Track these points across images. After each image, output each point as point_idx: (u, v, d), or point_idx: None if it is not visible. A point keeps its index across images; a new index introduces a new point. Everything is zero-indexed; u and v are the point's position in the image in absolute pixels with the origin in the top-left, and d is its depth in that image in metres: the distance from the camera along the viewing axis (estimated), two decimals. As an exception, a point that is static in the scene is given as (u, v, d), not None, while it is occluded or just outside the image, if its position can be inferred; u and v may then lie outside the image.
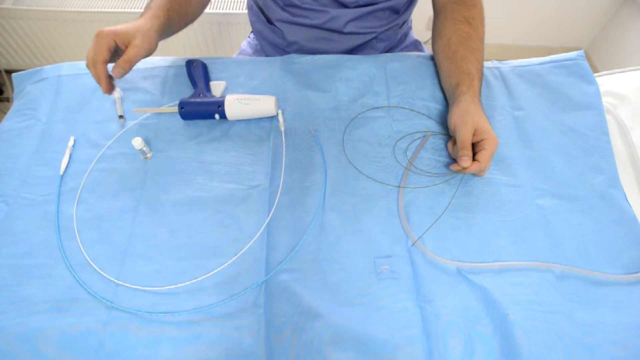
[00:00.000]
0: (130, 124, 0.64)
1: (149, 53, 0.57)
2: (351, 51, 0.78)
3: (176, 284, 0.49)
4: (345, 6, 0.70)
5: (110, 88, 0.57)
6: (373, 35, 0.76)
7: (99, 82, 0.56)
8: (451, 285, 0.49)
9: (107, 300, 0.48)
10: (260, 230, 0.53)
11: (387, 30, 0.77)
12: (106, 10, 1.35)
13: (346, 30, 0.73)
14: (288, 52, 0.78)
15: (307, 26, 0.73)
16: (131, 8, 1.36)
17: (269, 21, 0.77)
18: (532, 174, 0.58)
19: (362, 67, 0.69)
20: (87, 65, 0.55)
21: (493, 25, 0.73)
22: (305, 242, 0.52)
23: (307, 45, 0.76)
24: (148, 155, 0.60)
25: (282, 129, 0.62)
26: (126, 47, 0.55)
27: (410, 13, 0.80)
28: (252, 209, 0.55)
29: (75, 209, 0.55)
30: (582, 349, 0.45)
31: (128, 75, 0.69)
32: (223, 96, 0.62)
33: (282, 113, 0.63)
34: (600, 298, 0.48)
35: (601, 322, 0.47)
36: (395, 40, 0.81)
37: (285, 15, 0.73)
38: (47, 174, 0.58)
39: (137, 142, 0.57)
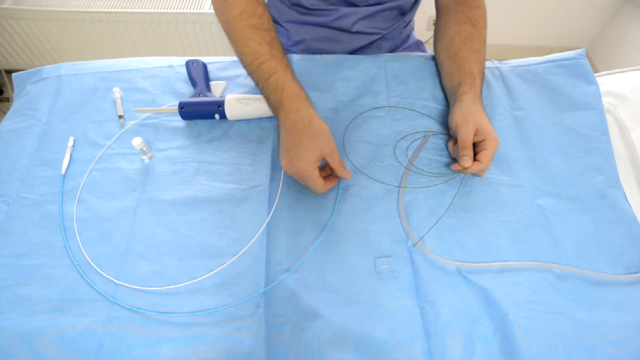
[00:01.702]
0: (130, 123, 0.64)
1: (333, 142, 0.53)
2: (356, 51, 0.78)
3: (176, 284, 0.49)
4: (355, 5, 0.70)
5: (334, 180, 0.55)
6: (379, 35, 0.76)
7: (335, 183, 0.56)
8: (451, 285, 0.49)
9: (109, 296, 0.48)
10: (261, 230, 0.53)
11: (392, 30, 0.77)
12: (106, 10, 1.35)
13: (354, 29, 0.73)
14: (292, 52, 0.78)
15: (314, 25, 0.73)
16: (131, 8, 1.36)
17: (274, 21, 0.77)
18: (532, 174, 0.58)
19: (362, 67, 0.69)
20: (321, 192, 0.54)
21: (493, 25, 0.73)
22: (306, 242, 0.52)
23: (313, 45, 0.76)
24: (148, 155, 0.60)
25: None
26: (321, 159, 0.53)
27: (414, 13, 0.80)
28: (252, 209, 0.55)
29: (75, 209, 0.55)
30: (582, 349, 0.45)
31: (128, 76, 0.70)
32: (223, 96, 0.62)
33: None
34: (600, 298, 0.48)
35: (601, 322, 0.46)
36: (399, 41, 0.82)
37: (292, 15, 0.73)
38: (47, 174, 0.58)
39: (137, 142, 0.57)
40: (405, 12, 0.76)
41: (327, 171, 0.56)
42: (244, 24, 0.57)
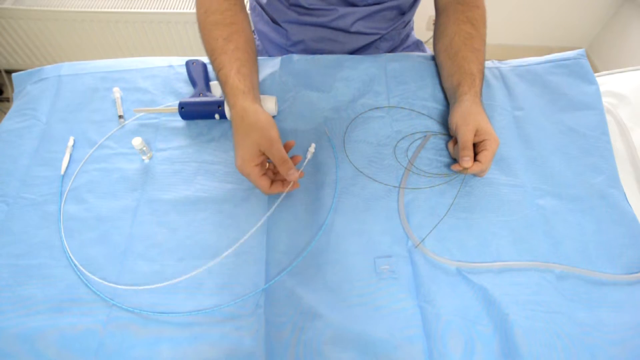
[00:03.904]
0: (129, 121, 0.64)
1: (277, 133, 0.51)
2: (356, 51, 0.78)
3: (174, 280, 0.49)
4: (354, 5, 0.70)
5: (296, 183, 0.52)
6: (378, 35, 0.76)
7: (286, 191, 0.52)
8: (451, 285, 0.49)
9: (108, 298, 0.48)
10: (259, 223, 0.53)
11: (391, 30, 0.77)
12: (106, 10, 1.35)
13: (353, 29, 0.73)
14: (291, 52, 0.78)
15: (313, 25, 0.73)
16: (131, 8, 1.36)
17: (273, 21, 0.77)
18: (532, 174, 0.58)
19: (362, 67, 0.69)
20: (266, 194, 0.53)
21: (493, 25, 0.73)
22: (306, 242, 0.52)
23: (312, 45, 0.76)
24: (148, 155, 0.60)
25: (308, 156, 0.58)
26: (264, 156, 0.51)
27: (414, 13, 0.80)
28: (252, 209, 0.55)
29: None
30: (582, 349, 0.45)
31: (128, 76, 0.70)
32: (223, 96, 0.62)
33: (281, 113, 0.64)
34: (600, 298, 0.48)
35: (601, 322, 0.46)
36: (398, 41, 0.82)
37: (291, 15, 0.73)
38: (47, 174, 0.58)
39: (137, 142, 0.57)
40: (405, 12, 0.76)
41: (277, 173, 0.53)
42: (207, 21, 0.59)
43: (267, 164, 0.54)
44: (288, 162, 0.50)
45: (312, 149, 0.58)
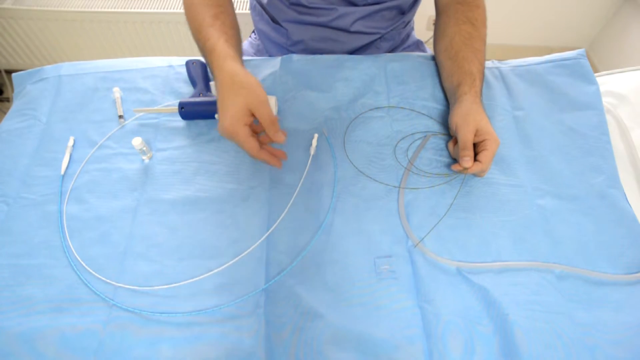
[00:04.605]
0: (129, 121, 0.64)
1: (265, 96, 0.51)
2: (356, 51, 0.78)
3: (175, 284, 0.49)
4: (354, 4, 0.70)
5: (281, 160, 0.54)
6: (378, 35, 0.76)
7: (271, 163, 0.53)
8: (451, 285, 0.49)
9: (108, 298, 0.48)
10: (266, 235, 0.53)
11: (392, 30, 0.77)
12: (106, 10, 1.35)
13: (353, 29, 0.73)
14: (292, 52, 0.78)
15: (313, 25, 0.73)
16: (131, 8, 1.36)
17: (274, 20, 0.77)
18: (532, 174, 0.58)
19: (362, 67, 0.69)
20: (253, 156, 0.52)
21: (493, 25, 0.73)
22: (306, 242, 0.52)
23: (313, 45, 0.76)
24: (148, 155, 0.60)
25: (312, 152, 0.59)
26: (250, 117, 0.51)
27: (414, 13, 0.80)
28: (252, 209, 0.55)
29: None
30: (582, 349, 0.45)
31: (128, 76, 0.69)
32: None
33: (281, 113, 0.64)
34: (600, 298, 0.48)
35: (601, 322, 0.47)
36: (398, 40, 0.82)
37: (291, 14, 0.73)
38: (47, 174, 0.58)
39: (137, 142, 0.57)
40: (405, 11, 0.76)
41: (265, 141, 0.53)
42: (196, 2, 0.60)
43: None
44: (277, 124, 0.50)
45: (314, 141, 0.59)
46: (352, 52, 0.77)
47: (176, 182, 0.57)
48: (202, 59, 0.68)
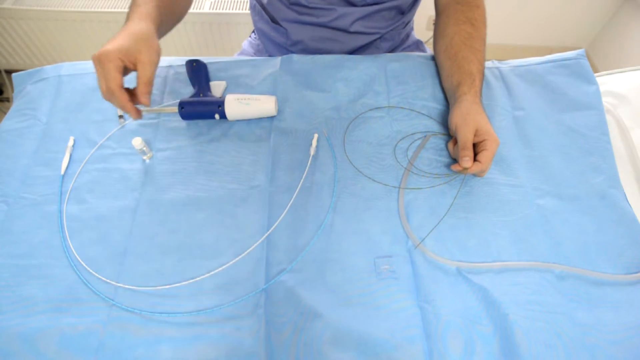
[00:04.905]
0: (129, 121, 0.64)
1: (158, 62, 0.52)
2: (355, 51, 0.78)
3: (175, 284, 0.49)
4: (353, 4, 0.70)
5: (138, 111, 0.52)
6: (378, 35, 0.76)
7: (125, 109, 0.51)
8: (451, 285, 0.49)
9: (108, 298, 0.48)
10: (266, 235, 0.53)
11: (391, 30, 0.77)
12: (106, 10, 1.35)
13: (352, 29, 0.73)
14: (292, 52, 0.78)
15: (312, 25, 0.73)
16: (131, 8, 1.36)
17: (273, 20, 0.77)
18: (532, 174, 0.58)
19: (362, 66, 0.69)
20: (104, 97, 0.50)
21: (493, 25, 0.73)
22: (306, 242, 0.52)
23: (312, 45, 0.76)
24: (148, 155, 0.60)
25: (312, 152, 0.59)
26: (133, 64, 0.50)
27: (414, 13, 0.80)
28: (252, 209, 0.55)
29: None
30: (582, 349, 0.45)
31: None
32: (223, 96, 0.62)
33: (281, 113, 0.64)
34: (600, 298, 0.48)
35: (601, 322, 0.46)
36: (398, 41, 0.82)
37: (290, 14, 0.73)
38: (47, 174, 0.58)
39: (137, 142, 0.57)
40: (404, 12, 0.76)
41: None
42: None
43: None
44: (151, 87, 0.50)
45: (314, 141, 0.59)
46: (352, 52, 0.77)
47: (176, 182, 0.57)
48: (202, 59, 0.69)
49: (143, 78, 0.50)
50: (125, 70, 0.51)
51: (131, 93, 0.52)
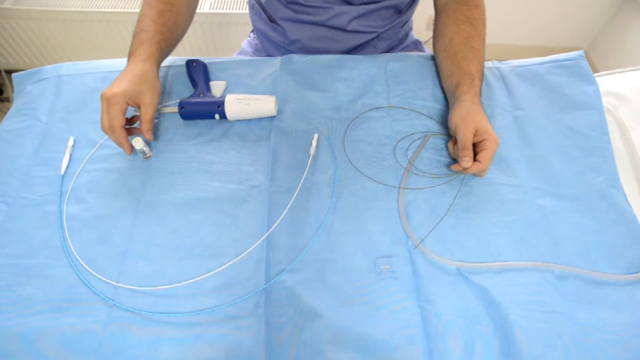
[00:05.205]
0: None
1: (158, 101, 0.58)
2: (353, 50, 0.78)
3: (175, 284, 0.49)
4: (350, 3, 0.70)
5: (131, 147, 0.57)
6: (375, 34, 0.76)
7: (121, 146, 0.57)
8: (451, 285, 0.49)
9: (108, 298, 0.48)
10: (266, 235, 0.53)
11: (389, 29, 0.77)
12: (106, 10, 1.35)
13: (349, 28, 0.73)
14: (289, 51, 0.78)
15: (310, 24, 0.73)
16: (131, 8, 1.36)
17: (271, 19, 0.77)
18: (532, 174, 0.58)
19: (362, 66, 0.69)
20: (105, 131, 0.55)
21: (493, 25, 0.73)
22: (305, 242, 0.52)
23: (309, 44, 0.76)
24: (148, 155, 0.60)
25: (312, 152, 0.59)
26: (137, 105, 0.56)
27: (412, 13, 0.80)
28: (252, 209, 0.55)
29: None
30: (582, 349, 0.45)
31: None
32: (223, 96, 0.62)
33: (281, 113, 0.64)
34: (600, 298, 0.48)
35: (601, 322, 0.47)
36: (396, 40, 0.81)
37: (288, 13, 0.73)
38: (47, 174, 0.58)
39: (137, 143, 0.57)
40: (402, 11, 0.76)
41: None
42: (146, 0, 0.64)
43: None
44: (152, 122, 0.57)
45: (314, 141, 0.59)
46: (349, 51, 0.77)
47: (176, 182, 0.57)
48: (202, 59, 0.69)
49: (146, 117, 0.56)
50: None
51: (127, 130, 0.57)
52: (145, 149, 0.58)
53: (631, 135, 0.63)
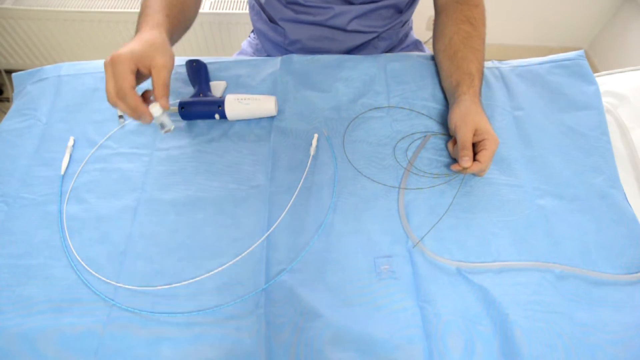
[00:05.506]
0: (129, 121, 0.64)
1: (172, 67, 0.51)
2: (353, 50, 0.78)
3: (175, 284, 0.49)
4: (350, 3, 0.70)
5: (151, 115, 0.49)
6: (375, 34, 0.76)
7: (136, 113, 0.48)
8: (451, 285, 0.49)
9: (108, 298, 0.48)
10: (266, 235, 0.53)
11: (389, 29, 0.77)
12: (106, 10, 1.35)
13: (349, 28, 0.73)
14: (289, 51, 0.78)
15: (310, 24, 0.73)
16: (131, 8, 1.36)
17: (271, 20, 0.77)
18: (532, 174, 0.58)
19: (362, 66, 0.69)
20: (113, 102, 0.47)
21: (493, 25, 0.73)
22: (306, 242, 0.52)
23: (310, 44, 0.76)
24: (168, 128, 0.52)
25: (312, 152, 0.59)
26: (147, 69, 0.49)
27: (412, 13, 0.80)
28: (252, 209, 0.55)
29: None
30: (582, 349, 0.45)
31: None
32: (223, 96, 0.62)
33: (281, 113, 0.64)
34: (601, 298, 0.48)
35: (601, 322, 0.46)
36: (396, 40, 0.82)
37: (288, 13, 0.73)
38: (47, 174, 0.58)
39: (155, 108, 0.49)
40: (402, 10, 0.76)
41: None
42: None
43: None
44: (168, 88, 0.49)
45: (314, 141, 0.59)
46: (349, 51, 0.77)
47: (176, 182, 0.57)
48: (202, 59, 0.68)
49: (159, 81, 0.48)
50: (137, 78, 0.50)
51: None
52: (165, 119, 0.51)
53: (631, 135, 0.63)
